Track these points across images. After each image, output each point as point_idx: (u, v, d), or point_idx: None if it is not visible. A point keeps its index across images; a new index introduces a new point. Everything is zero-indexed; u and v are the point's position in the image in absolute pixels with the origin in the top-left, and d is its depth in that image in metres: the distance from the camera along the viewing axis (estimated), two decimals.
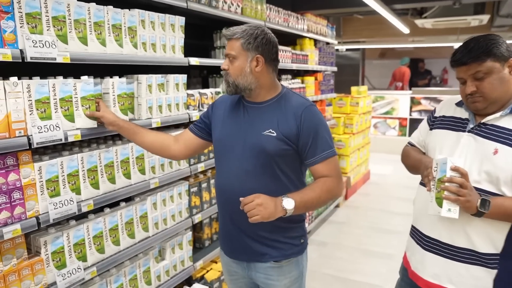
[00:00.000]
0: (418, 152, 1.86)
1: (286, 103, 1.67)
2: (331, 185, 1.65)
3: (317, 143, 1.63)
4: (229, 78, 1.65)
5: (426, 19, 6.30)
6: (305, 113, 1.63)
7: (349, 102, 6.12)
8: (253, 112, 1.69)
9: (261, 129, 1.64)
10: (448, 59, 1.67)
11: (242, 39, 1.61)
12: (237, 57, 1.63)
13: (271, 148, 1.61)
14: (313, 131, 1.62)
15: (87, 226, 1.92)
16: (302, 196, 1.58)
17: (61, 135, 1.71)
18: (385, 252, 4.09)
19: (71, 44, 1.75)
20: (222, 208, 1.80)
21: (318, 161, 1.64)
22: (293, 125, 1.62)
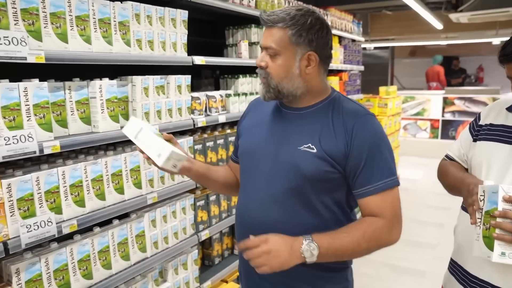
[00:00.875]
0: (459, 169, 1.52)
1: (335, 110, 1.27)
2: (380, 231, 1.20)
3: (373, 167, 1.21)
4: (271, 81, 1.25)
5: (462, 12, 5.83)
6: (358, 125, 1.22)
7: (377, 103, 5.73)
8: (291, 120, 1.31)
9: (298, 142, 1.25)
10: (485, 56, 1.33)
11: (291, 29, 1.20)
12: (281, 53, 1.23)
13: (308, 169, 1.22)
14: (367, 151, 1.21)
15: (71, 249, 1.68)
16: (333, 241, 1.16)
17: (35, 147, 1.47)
18: (417, 268, 3.71)
19: (47, 41, 1.51)
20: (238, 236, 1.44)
21: (370, 193, 1.21)
22: (341, 140, 1.22)
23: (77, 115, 1.70)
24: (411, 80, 11.52)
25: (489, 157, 1.36)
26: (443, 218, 4.91)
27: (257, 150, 1.34)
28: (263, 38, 1.26)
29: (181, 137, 2.28)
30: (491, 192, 1.17)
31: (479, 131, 1.46)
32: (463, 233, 1.42)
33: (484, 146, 1.40)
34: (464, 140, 1.54)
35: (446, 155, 1.63)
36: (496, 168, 1.33)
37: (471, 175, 1.42)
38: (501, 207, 1.13)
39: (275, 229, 1.20)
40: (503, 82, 7.40)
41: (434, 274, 3.57)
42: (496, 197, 1.14)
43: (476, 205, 1.21)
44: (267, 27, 1.25)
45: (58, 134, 1.63)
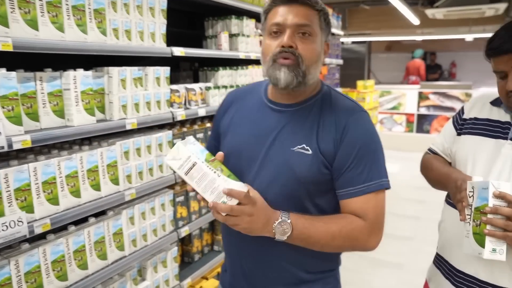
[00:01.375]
0: (443, 163, 1.50)
1: (327, 106, 1.18)
2: (358, 232, 1.11)
3: (361, 167, 1.12)
4: (303, 63, 1.10)
5: (438, 8, 5.91)
6: (351, 123, 1.14)
7: (355, 97, 5.76)
8: (281, 117, 1.20)
9: (291, 143, 1.15)
10: (457, 52, 1.32)
11: (321, 13, 1.13)
12: (314, 34, 1.11)
13: (303, 173, 1.12)
14: (357, 150, 1.12)
15: (44, 249, 1.59)
16: (308, 227, 1.09)
17: (3, 141, 1.37)
18: (395, 261, 3.76)
19: (15, 28, 1.40)
20: (229, 247, 1.35)
21: (354, 194, 1.12)
22: (330, 137, 1.13)
23: (49, 108, 1.60)
24: (387, 74, 11.68)
25: (474, 151, 1.35)
26: (419, 211, 5.00)
27: (244, 152, 1.21)
28: (291, 16, 1.09)
29: (160, 131, 2.20)
30: (481, 188, 1.15)
31: (463, 125, 1.45)
32: (449, 228, 1.41)
33: (469, 140, 1.39)
34: (448, 134, 1.52)
35: (429, 148, 1.61)
36: (481, 163, 1.32)
37: (457, 170, 1.40)
38: (491, 203, 1.11)
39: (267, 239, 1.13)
40: (475, 78, 7.65)
41: (412, 266, 3.62)
42: (487, 193, 1.13)
43: (465, 201, 1.20)
44: (293, 4, 1.11)
45: (29, 128, 1.53)
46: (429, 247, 4.02)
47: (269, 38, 1.14)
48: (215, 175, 1.04)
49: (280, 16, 1.11)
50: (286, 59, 1.10)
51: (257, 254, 1.23)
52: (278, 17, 1.11)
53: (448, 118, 7.99)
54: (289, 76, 1.10)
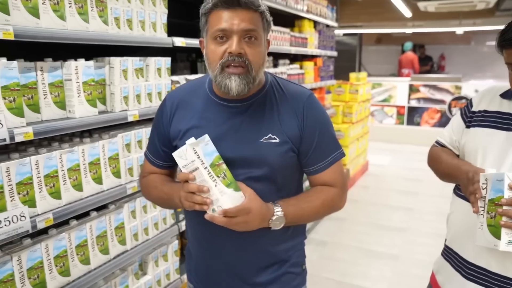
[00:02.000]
0: (452, 156, 1.50)
1: (279, 95, 1.22)
2: (335, 198, 1.26)
3: (324, 144, 1.22)
4: (252, 69, 1.10)
5: (430, 1, 5.93)
6: (307, 106, 1.20)
7: (348, 90, 5.76)
8: (237, 114, 1.19)
9: (257, 135, 1.17)
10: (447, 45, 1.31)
11: (263, 13, 1.12)
12: (259, 38, 1.11)
13: (276, 161, 1.17)
14: (318, 129, 1.21)
15: (46, 245, 1.55)
16: (298, 211, 1.19)
17: (5, 134, 1.32)
18: (389, 252, 3.79)
19: (16, 16, 1.35)
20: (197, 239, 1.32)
21: (324, 168, 1.23)
22: (294, 123, 1.19)
23: (50, 99, 1.55)
24: (377, 67, 11.71)
25: (485, 144, 1.35)
26: (412, 203, 5.04)
27: None
28: (237, 21, 1.07)
29: None
30: (495, 180, 1.15)
31: (472, 117, 1.45)
32: (459, 220, 1.41)
33: (479, 132, 1.39)
34: (456, 127, 1.52)
35: (436, 141, 1.61)
36: (492, 155, 1.32)
37: (467, 162, 1.40)
38: (507, 194, 1.11)
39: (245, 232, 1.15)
40: (463, 71, 7.70)
41: (407, 258, 3.66)
42: (502, 185, 1.12)
43: (478, 193, 1.20)
44: (237, 8, 1.07)
45: (30, 119, 1.48)
46: (423, 238, 4.09)
47: (214, 43, 1.10)
48: (213, 184, 1.06)
49: (224, 21, 1.07)
50: (236, 67, 1.08)
51: (239, 243, 1.23)
52: (223, 23, 1.07)
53: (438, 110, 8.07)
54: (240, 84, 1.09)
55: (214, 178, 1.06)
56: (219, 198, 1.06)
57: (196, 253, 1.35)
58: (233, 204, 1.07)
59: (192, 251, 1.37)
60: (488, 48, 11.25)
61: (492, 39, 12.09)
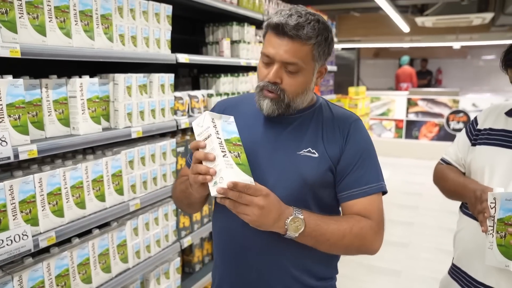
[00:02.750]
0: (458, 174, 1.50)
1: (326, 115, 1.22)
2: (367, 230, 1.12)
3: (362, 170, 1.16)
4: (285, 97, 1.13)
5: (427, 16, 6.00)
6: (352, 129, 1.19)
7: (348, 104, 5.79)
8: (282, 124, 1.21)
9: (296, 147, 1.17)
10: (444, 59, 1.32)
11: (317, 46, 1.10)
12: (303, 70, 1.11)
13: (311, 175, 1.14)
14: (360, 154, 1.17)
15: (48, 264, 1.52)
16: (320, 224, 1.08)
17: (9, 152, 1.31)
18: (392, 268, 3.76)
19: (23, 34, 1.35)
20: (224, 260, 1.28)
21: (358, 196, 1.15)
22: (336, 144, 1.17)
23: (54, 116, 1.54)
24: (375, 80, 11.79)
25: (491, 162, 1.35)
26: (412, 217, 5.02)
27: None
28: (281, 51, 1.08)
29: (163, 139, 2.15)
30: (504, 199, 1.15)
31: (478, 135, 1.45)
32: (467, 239, 1.40)
33: (485, 150, 1.39)
34: (461, 145, 1.52)
35: (442, 158, 1.61)
36: (499, 173, 1.32)
37: (474, 180, 1.40)
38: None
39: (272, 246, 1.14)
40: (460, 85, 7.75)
41: (409, 273, 3.63)
42: (511, 205, 1.12)
43: (487, 212, 1.19)
44: (285, 37, 1.08)
45: (34, 137, 1.47)
46: (425, 253, 4.06)
47: (262, 63, 1.16)
48: (221, 153, 0.98)
49: (271, 47, 1.10)
50: (270, 92, 1.13)
51: (262, 263, 1.19)
52: (270, 49, 1.11)
53: (436, 124, 8.10)
54: (271, 107, 1.14)
55: (224, 150, 0.99)
56: (222, 168, 0.97)
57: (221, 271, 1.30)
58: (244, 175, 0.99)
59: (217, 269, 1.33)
60: (484, 62, 11.37)
61: (488, 53, 12.16)
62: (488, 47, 10.57)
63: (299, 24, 1.07)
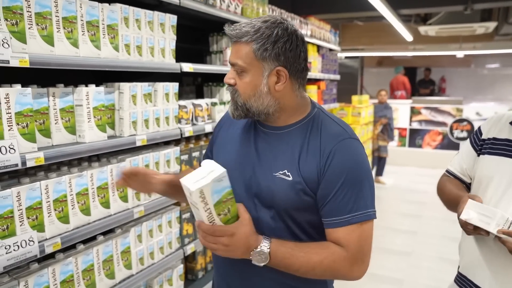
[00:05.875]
0: (455, 186, 1.52)
1: (314, 129, 1.16)
2: (340, 264, 1.08)
3: (346, 197, 1.09)
4: (238, 99, 1.14)
5: (430, 26, 6.03)
6: (337, 149, 1.10)
7: (351, 112, 5.81)
8: (267, 140, 1.19)
9: (273, 167, 1.14)
10: (447, 68, 1.34)
11: (255, 43, 1.08)
12: (247, 70, 1.10)
13: (283, 198, 1.12)
14: (343, 177, 1.08)
15: (53, 270, 1.54)
16: (288, 257, 1.08)
17: (17, 159, 1.34)
18: (394, 277, 3.74)
19: (32, 44, 1.38)
20: (217, 266, 1.33)
21: (337, 225, 1.09)
22: (314, 163, 1.11)
23: (61, 124, 1.57)
24: (378, 89, 11.81)
25: (494, 171, 1.36)
26: (416, 226, 5.00)
27: (234, 171, 1.17)
28: (231, 54, 1.14)
29: (167, 147, 2.18)
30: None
31: (482, 145, 1.46)
32: (472, 247, 1.41)
33: (489, 160, 1.40)
34: (466, 155, 1.53)
35: (447, 170, 1.62)
36: (503, 183, 1.33)
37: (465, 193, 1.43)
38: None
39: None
40: (464, 93, 7.74)
41: (411, 282, 3.61)
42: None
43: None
44: (233, 42, 1.13)
45: (41, 144, 1.50)
46: (427, 262, 4.05)
47: None
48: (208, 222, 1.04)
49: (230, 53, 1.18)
50: (231, 95, 1.18)
51: (244, 274, 1.22)
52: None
53: (440, 132, 8.09)
54: (231, 108, 1.18)
55: (212, 219, 1.04)
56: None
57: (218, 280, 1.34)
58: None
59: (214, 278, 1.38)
60: (488, 71, 11.38)
61: (492, 62, 12.15)
62: (492, 56, 10.59)
63: (236, 26, 1.11)
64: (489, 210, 1.24)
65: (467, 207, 1.29)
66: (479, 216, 1.25)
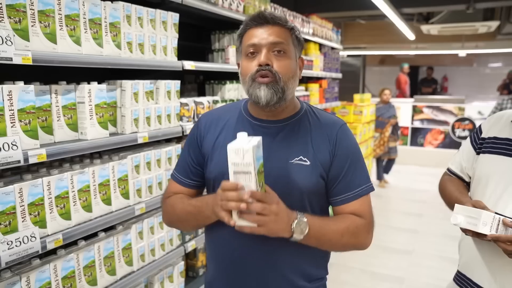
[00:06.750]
0: (456, 186, 1.52)
1: (313, 121, 1.25)
2: (361, 229, 1.19)
3: (354, 174, 1.21)
4: (280, 79, 1.13)
5: (433, 24, 6.02)
6: (340, 134, 1.22)
7: (353, 111, 5.80)
8: (271, 134, 1.22)
9: (288, 155, 1.19)
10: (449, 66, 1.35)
11: (293, 30, 1.18)
12: (287, 51, 1.16)
13: (304, 183, 1.17)
14: (350, 159, 1.21)
15: (55, 265, 1.55)
16: (323, 225, 1.14)
17: (19, 155, 1.35)
18: (395, 275, 3.75)
19: (34, 41, 1.39)
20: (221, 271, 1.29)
21: (351, 199, 1.20)
22: (326, 150, 1.20)
23: (63, 121, 1.58)
24: (380, 87, 11.79)
25: (494, 170, 1.37)
26: (417, 224, 5.01)
27: None
28: (265, 35, 1.14)
29: (168, 144, 2.19)
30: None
31: (482, 144, 1.46)
32: (471, 245, 1.42)
33: (489, 159, 1.40)
34: (466, 154, 1.54)
35: (448, 168, 1.63)
36: (503, 182, 1.33)
37: (466, 195, 1.43)
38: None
39: (271, 253, 1.18)
40: (466, 92, 7.73)
41: (412, 280, 3.62)
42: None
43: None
44: (266, 25, 1.15)
45: (43, 141, 1.51)
46: (428, 261, 4.05)
47: (246, 60, 1.18)
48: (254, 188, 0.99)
49: (255, 37, 1.15)
50: (264, 77, 1.14)
51: (261, 270, 1.22)
52: (253, 38, 1.15)
53: (441, 131, 8.08)
54: (268, 93, 1.13)
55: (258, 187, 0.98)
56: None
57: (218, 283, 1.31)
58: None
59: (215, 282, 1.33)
60: (490, 70, 11.35)
61: (494, 61, 12.10)
62: (494, 55, 10.57)
63: (273, 13, 1.17)
64: (474, 211, 1.26)
65: (454, 212, 1.30)
66: (466, 219, 1.27)
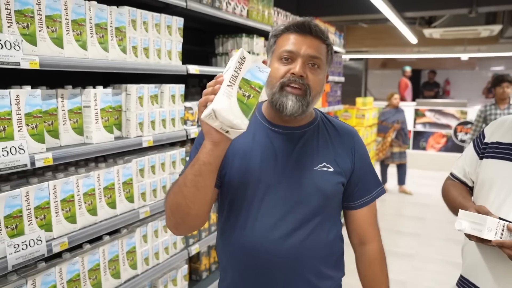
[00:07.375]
0: (459, 191, 1.52)
1: (330, 129, 1.27)
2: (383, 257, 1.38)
3: (369, 178, 1.30)
4: (310, 93, 1.12)
5: (435, 28, 6.03)
6: (356, 142, 1.29)
7: (355, 114, 5.81)
8: (292, 140, 1.21)
9: (312, 162, 1.20)
10: (451, 70, 1.36)
11: (330, 47, 1.18)
12: (322, 67, 1.16)
13: (328, 188, 1.20)
14: (366, 165, 1.30)
15: (60, 269, 1.56)
16: None
17: (26, 159, 1.36)
18: (397, 279, 3.74)
19: (42, 46, 1.41)
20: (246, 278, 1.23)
21: (369, 202, 1.29)
22: (347, 157, 1.25)
23: (69, 125, 1.59)
24: (382, 91, 11.80)
25: (497, 174, 1.37)
26: (419, 228, 5.00)
27: (263, 178, 1.17)
28: (305, 46, 1.12)
29: (172, 148, 2.20)
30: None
31: (485, 148, 1.46)
32: (474, 250, 1.41)
33: (493, 164, 1.40)
34: (469, 159, 1.53)
35: (451, 173, 1.63)
36: (504, 186, 1.33)
37: (470, 200, 1.43)
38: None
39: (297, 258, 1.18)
40: (468, 96, 7.71)
41: (414, 284, 3.61)
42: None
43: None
44: (308, 35, 1.13)
45: (50, 145, 1.52)
46: (431, 265, 4.04)
47: (279, 63, 1.15)
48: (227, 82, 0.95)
49: (293, 44, 1.13)
50: (295, 88, 1.12)
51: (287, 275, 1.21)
52: (291, 45, 1.13)
53: (444, 135, 8.08)
54: (296, 105, 1.12)
55: (232, 81, 0.93)
56: (218, 95, 0.92)
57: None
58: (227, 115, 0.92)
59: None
60: (492, 73, 11.34)
61: (496, 65, 12.06)
62: (497, 58, 10.56)
63: (318, 25, 1.16)
64: (479, 217, 1.25)
65: (459, 217, 1.30)
66: (471, 224, 1.26)
